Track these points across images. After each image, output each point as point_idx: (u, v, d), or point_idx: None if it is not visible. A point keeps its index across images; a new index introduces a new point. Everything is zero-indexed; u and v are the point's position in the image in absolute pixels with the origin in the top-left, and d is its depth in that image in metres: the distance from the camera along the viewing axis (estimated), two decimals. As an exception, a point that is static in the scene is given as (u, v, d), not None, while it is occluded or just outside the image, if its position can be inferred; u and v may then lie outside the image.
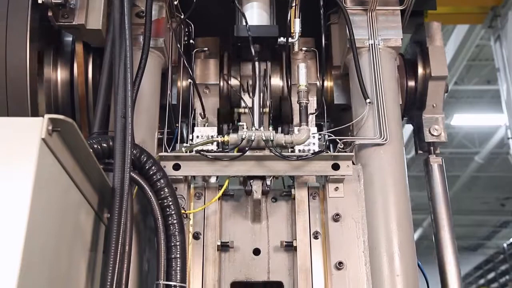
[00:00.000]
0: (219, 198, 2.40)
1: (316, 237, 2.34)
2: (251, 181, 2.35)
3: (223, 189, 2.38)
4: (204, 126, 2.66)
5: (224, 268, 2.35)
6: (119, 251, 1.87)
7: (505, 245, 14.17)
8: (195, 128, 2.52)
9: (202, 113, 2.71)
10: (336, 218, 2.33)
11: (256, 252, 2.38)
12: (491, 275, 15.11)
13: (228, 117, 2.90)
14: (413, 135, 2.96)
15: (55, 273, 1.61)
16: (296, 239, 2.33)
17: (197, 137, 2.46)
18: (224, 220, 2.42)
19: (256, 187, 2.33)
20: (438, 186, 2.74)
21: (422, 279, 2.50)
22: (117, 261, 1.85)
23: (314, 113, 2.76)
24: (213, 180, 2.62)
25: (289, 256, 2.37)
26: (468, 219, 17.03)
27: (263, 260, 2.37)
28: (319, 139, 2.48)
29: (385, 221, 2.30)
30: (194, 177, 2.54)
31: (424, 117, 2.83)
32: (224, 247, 2.35)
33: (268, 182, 2.39)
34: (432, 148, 2.82)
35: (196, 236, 2.33)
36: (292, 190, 2.43)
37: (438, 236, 2.66)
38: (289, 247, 2.36)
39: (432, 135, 2.81)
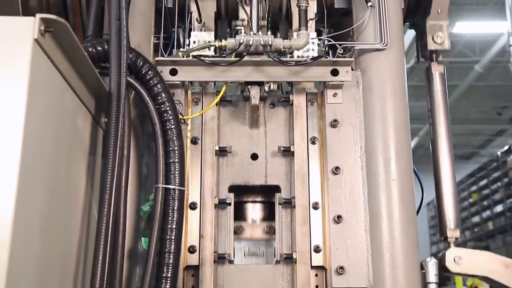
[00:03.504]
0: (217, 104, 2.39)
1: (313, 143, 2.36)
2: (249, 86, 2.33)
3: (220, 94, 2.36)
4: (201, 31, 2.59)
5: (222, 173, 2.39)
6: (117, 155, 1.88)
7: (499, 153, 14.34)
8: (192, 33, 2.46)
9: (199, 18, 2.64)
10: (334, 124, 2.33)
11: (254, 157, 2.41)
12: (483, 182, 15.42)
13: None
14: (416, 42, 2.90)
15: (55, 175, 1.63)
16: (293, 144, 2.35)
17: (194, 42, 2.41)
18: (222, 125, 2.43)
19: (254, 93, 2.31)
20: (438, 94, 2.71)
21: (417, 185, 2.55)
22: (116, 165, 1.87)
23: (313, 19, 2.68)
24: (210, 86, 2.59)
25: (286, 161, 2.40)
26: (463, 128, 17.15)
27: (260, 165, 2.40)
28: (318, 44, 2.43)
29: (382, 127, 2.31)
30: (191, 82, 2.51)
31: (428, 23, 2.76)
32: (222, 152, 2.37)
33: (266, 88, 2.37)
34: (434, 55, 2.76)
35: (194, 141, 2.34)
36: (290, 96, 2.41)
37: (435, 144, 2.66)
38: (287, 152, 2.38)
39: (435, 42, 2.74)
